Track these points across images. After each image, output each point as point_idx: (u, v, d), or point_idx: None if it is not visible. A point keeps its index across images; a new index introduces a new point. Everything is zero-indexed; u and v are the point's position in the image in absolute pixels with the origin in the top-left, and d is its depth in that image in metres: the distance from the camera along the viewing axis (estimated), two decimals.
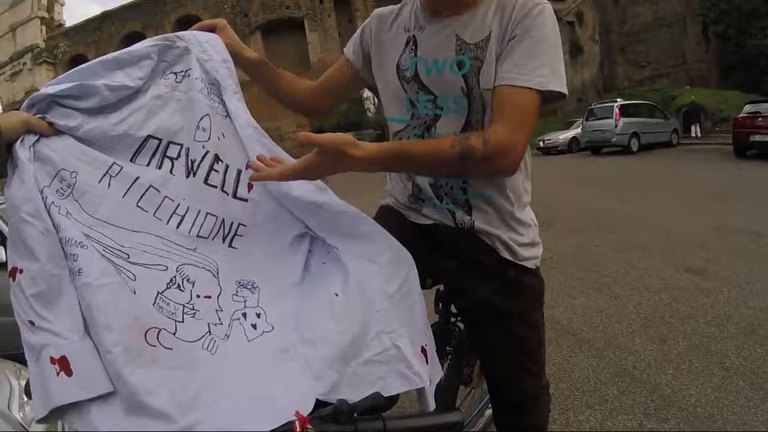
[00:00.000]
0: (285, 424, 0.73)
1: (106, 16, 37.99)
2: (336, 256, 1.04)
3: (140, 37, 37.11)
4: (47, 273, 0.81)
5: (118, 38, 37.12)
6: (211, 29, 1.25)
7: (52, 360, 0.75)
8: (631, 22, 37.05)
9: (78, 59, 38.04)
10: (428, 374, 1.00)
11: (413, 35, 1.21)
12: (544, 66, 1.06)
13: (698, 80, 28.26)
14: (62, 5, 41.18)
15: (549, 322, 3.31)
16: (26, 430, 1.42)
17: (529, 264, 1.28)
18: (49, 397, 0.74)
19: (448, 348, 1.53)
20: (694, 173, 11.52)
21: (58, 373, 0.75)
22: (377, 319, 0.94)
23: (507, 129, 1.03)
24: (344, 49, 1.39)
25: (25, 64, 37.22)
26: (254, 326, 0.94)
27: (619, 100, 19.60)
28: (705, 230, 5.78)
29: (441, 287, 1.44)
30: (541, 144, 22.17)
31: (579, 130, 20.34)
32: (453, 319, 1.51)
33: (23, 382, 1.58)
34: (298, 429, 0.70)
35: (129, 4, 37.79)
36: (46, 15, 38.19)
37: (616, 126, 17.32)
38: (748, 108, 14.00)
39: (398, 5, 1.29)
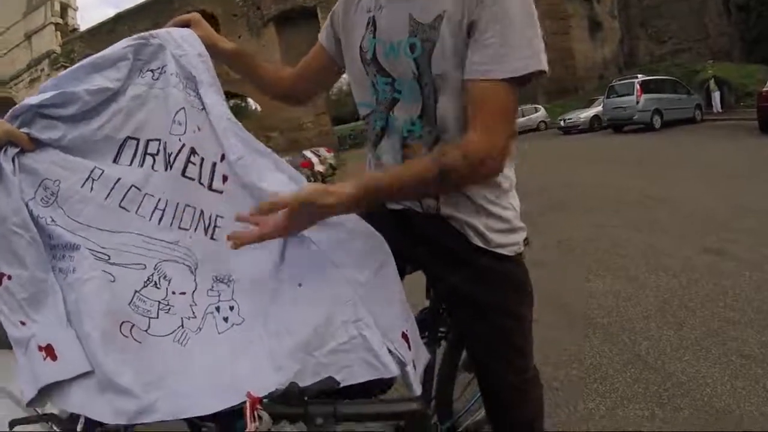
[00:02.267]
0: (237, 404, 0.79)
1: (119, 18, 38.52)
2: (307, 245, 1.03)
3: None
4: (36, 279, 0.92)
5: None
6: (186, 24, 1.24)
7: (39, 348, 0.88)
8: None
9: None
10: (412, 358, 1.02)
11: (373, 15, 1.16)
12: (520, 47, 0.99)
13: (721, 54, 27.46)
14: (75, 10, 41.93)
15: (561, 306, 3.34)
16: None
17: (506, 251, 1.21)
18: (36, 380, 0.86)
19: (440, 333, 1.51)
20: (716, 150, 11.21)
21: (44, 359, 0.87)
22: (343, 308, 0.96)
23: (485, 134, 0.99)
24: (319, 34, 1.37)
25: (42, 70, 37.93)
26: (225, 319, 0.98)
27: (639, 76, 19.13)
28: (726, 210, 5.60)
29: None
30: (562, 123, 22.05)
31: (600, 108, 20.01)
32: (443, 306, 1.47)
33: None
34: (248, 408, 0.74)
35: (140, 5, 38.27)
36: (60, 21, 38.89)
37: (637, 103, 17.06)
38: None
39: None
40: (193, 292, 1.00)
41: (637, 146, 13.69)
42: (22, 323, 0.90)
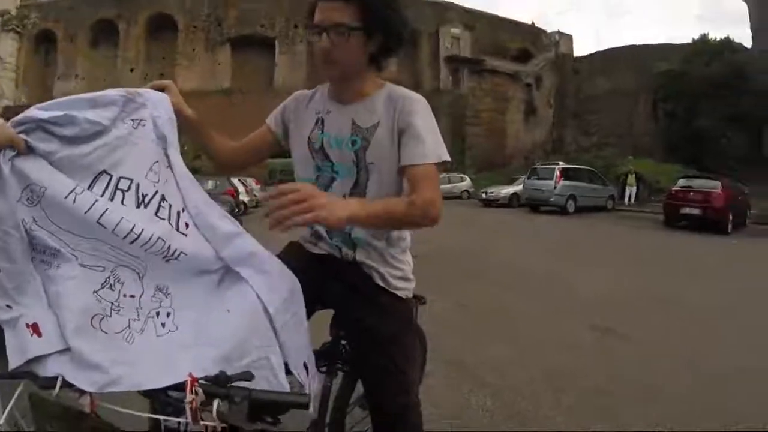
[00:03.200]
0: (181, 381, 0.99)
1: None
2: (240, 282, 1.26)
3: (111, 24, 36.68)
4: (22, 271, 1.08)
5: (89, 22, 36.16)
6: (162, 89, 1.42)
7: (27, 325, 1.05)
8: (586, 90, 38.99)
9: (45, 34, 36.82)
10: (308, 383, 1.32)
11: (322, 117, 1.54)
12: (431, 143, 1.41)
13: (643, 152, 29.67)
14: None
15: (456, 363, 3.48)
16: None
17: (401, 293, 1.58)
18: (24, 352, 1.03)
19: (337, 365, 1.76)
20: (621, 238, 12.23)
21: (32, 335, 1.04)
22: (259, 335, 1.20)
23: (426, 193, 1.35)
24: (266, 120, 1.69)
25: None
26: (163, 325, 1.17)
27: (561, 163, 20.55)
28: (620, 292, 6.14)
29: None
30: (483, 196, 22.87)
31: (521, 186, 21.09)
32: (343, 342, 1.73)
33: None
34: (189, 384, 0.96)
35: None
36: None
37: (555, 187, 18.17)
38: (681, 182, 15.06)
39: (313, 90, 1.64)
40: (140, 296, 1.17)
41: (550, 227, 14.62)
42: (8, 306, 1.07)
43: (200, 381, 0.98)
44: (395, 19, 1.44)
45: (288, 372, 1.26)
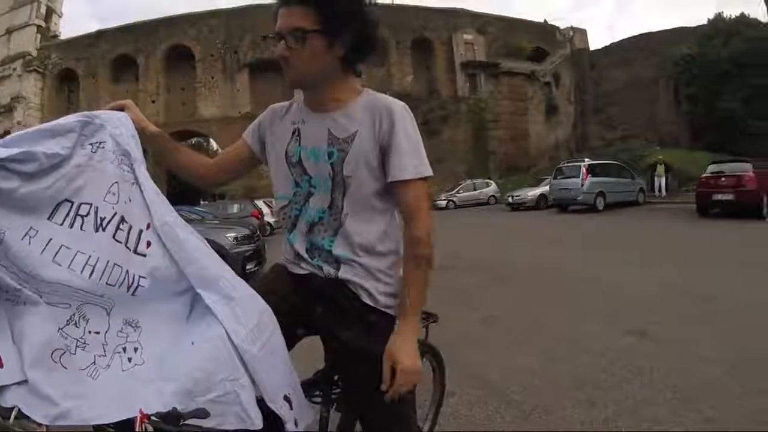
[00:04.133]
0: (131, 417, 1.00)
1: (100, 35, 38.24)
2: (207, 310, 1.23)
3: (130, 60, 37.74)
4: None
5: (109, 58, 37.29)
6: (121, 108, 1.44)
7: None
8: (606, 84, 38.47)
9: (67, 74, 38.07)
10: (294, 417, 1.30)
11: (298, 127, 1.49)
12: (414, 159, 1.39)
13: (669, 141, 29.21)
14: (60, 17, 41.17)
15: (480, 380, 3.30)
16: None
17: (391, 311, 1.47)
18: None
19: (333, 394, 1.63)
20: (653, 232, 11.79)
21: None
22: (225, 368, 1.16)
23: (420, 220, 1.40)
24: (243, 134, 1.64)
25: (15, 69, 37.13)
26: (129, 359, 1.17)
27: (587, 159, 20.14)
28: (654, 291, 5.81)
29: None
30: (510, 200, 22.65)
31: (547, 187, 20.82)
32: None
33: None
34: (138, 421, 0.97)
35: (123, 27, 38.13)
36: (42, 24, 38.32)
37: (582, 185, 17.77)
38: (711, 168, 14.55)
39: (289, 101, 1.58)
40: (106, 332, 1.18)
41: (579, 226, 14.26)
42: None
43: (151, 417, 0.97)
44: (358, 20, 1.37)
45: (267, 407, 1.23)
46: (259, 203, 19.01)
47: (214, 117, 35.75)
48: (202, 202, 22.11)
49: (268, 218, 18.46)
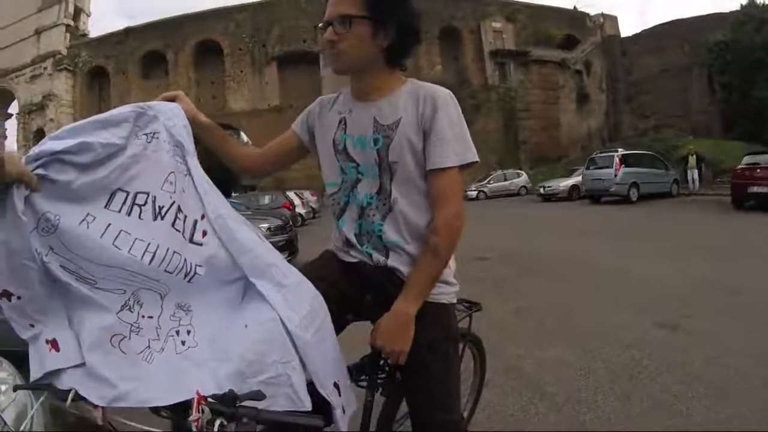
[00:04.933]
0: (188, 399, 1.01)
1: (129, 32, 39.03)
2: (260, 296, 1.26)
3: (159, 56, 38.48)
4: (39, 295, 1.13)
5: (138, 55, 38.01)
6: (173, 99, 1.46)
7: (47, 341, 1.13)
8: (637, 72, 37.59)
9: (97, 71, 38.97)
10: (341, 404, 1.33)
11: (344, 117, 1.52)
12: (458, 145, 1.40)
13: (702, 130, 28.43)
14: (88, 16, 42.24)
15: (514, 371, 3.33)
16: None
17: (438, 299, 1.49)
18: (43, 365, 1.11)
19: (378, 379, 1.64)
20: (687, 224, 11.55)
21: (50, 350, 1.12)
22: (278, 350, 1.19)
23: (444, 209, 1.40)
24: (292, 125, 1.69)
25: (45, 68, 38.43)
26: (183, 342, 1.20)
27: (620, 149, 19.74)
28: (687, 284, 5.74)
29: None
30: (541, 191, 22.40)
31: (580, 178, 20.50)
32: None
33: (3, 374, 1.80)
34: (195, 403, 0.96)
35: (151, 24, 38.83)
36: (71, 23, 39.49)
37: (615, 175, 17.45)
38: (747, 159, 14.11)
39: (337, 93, 1.63)
40: (159, 316, 1.20)
41: (611, 218, 14.03)
42: (31, 325, 1.14)
43: (208, 399, 0.98)
44: (402, 10, 1.41)
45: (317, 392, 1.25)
46: (291, 194, 19.13)
47: (243, 110, 36.22)
48: (233, 194, 22.40)
49: (300, 209, 18.61)
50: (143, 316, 1.18)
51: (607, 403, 2.94)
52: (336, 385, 1.32)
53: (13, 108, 41.91)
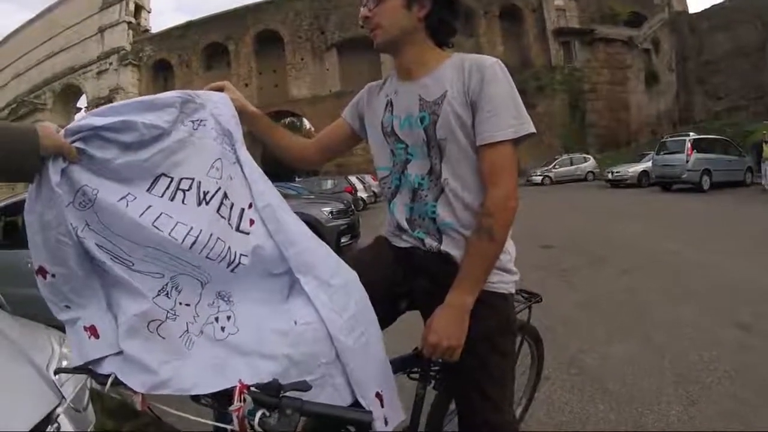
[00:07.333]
0: (230, 387, 0.98)
1: (189, 26, 40.35)
2: (306, 293, 1.22)
3: (221, 47, 39.49)
4: (76, 275, 1.10)
5: (200, 47, 39.19)
6: (220, 89, 1.44)
7: (85, 328, 1.10)
8: (707, 50, 35.43)
9: (161, 64, 40.45)
10: (383, 415, 1.23)
11: (390, 99, 1.50)
12: (510, 117, 1.31)
13: None
14: (149, 12, 44.09)
15: (576, 366, 3.32)
16: (58, 388, 1.66)
17: (497, 288, 1.41)
18: (84, 353, 1.09)
19: (431, 372, 1.59)
20: (764, 217, 10.86)
21: (89, 337, 1.10)
22: (323, 349, 1.16)
23: (498, 188, 1.30)
24: (342, 113, 1.69)
25: (111, 64, 40.36)
26: (223, 329, 1.16)
27: (691, 133, 18.73)
28: (764, 281, 5.42)
29: None
30: (609, 176, 21.67)
31: (650, 163, 19.70)
32: None
33: (65, 350, 1.88)
34: (237, 391, 0.93)
35: (212, 16, 39.86)
36: (132, 20, 41.29)
37: (687, 161, 16.66)
38: None
39: (384, 78, 1.61)
40: (197, 304, 1.17)
41: (683, 207, 13.44)
42: (67, 306, 1.13)
43: (251, 388, 0.94)
44: None
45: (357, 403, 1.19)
46: (353, 179, 19.40)
47: (305, 97, 36.72)
48: (297, 179, 22.90)
49: (361, 193, 18.88)
50: (180, 303, 1.14)
51: (670, 406, 2.88)
52: (378, 396, 1.24)
53: (82, 102, 44.24)
